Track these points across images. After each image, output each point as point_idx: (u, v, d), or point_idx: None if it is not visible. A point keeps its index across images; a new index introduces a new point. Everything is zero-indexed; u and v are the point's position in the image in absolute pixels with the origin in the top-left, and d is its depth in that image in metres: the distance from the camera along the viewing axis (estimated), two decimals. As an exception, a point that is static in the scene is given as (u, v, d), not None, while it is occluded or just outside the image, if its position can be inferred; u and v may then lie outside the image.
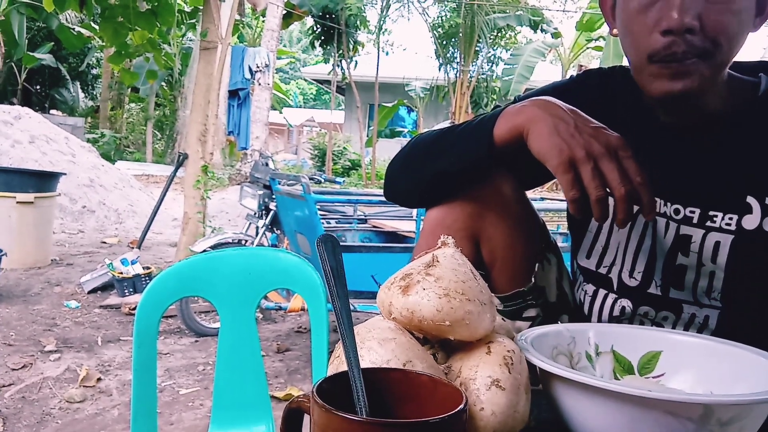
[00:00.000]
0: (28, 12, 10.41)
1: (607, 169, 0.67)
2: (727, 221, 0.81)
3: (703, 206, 0.83)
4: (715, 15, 0.74)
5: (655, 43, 0.76)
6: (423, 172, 0.89)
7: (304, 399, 0.50)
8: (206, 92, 4.87)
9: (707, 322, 0.83)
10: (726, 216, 0.81)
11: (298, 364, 3.18)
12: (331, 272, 0.52)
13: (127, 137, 16.60)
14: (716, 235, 0.81)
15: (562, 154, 0.68)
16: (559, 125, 0.70)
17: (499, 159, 0.79)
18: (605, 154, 0.67)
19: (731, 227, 0.80)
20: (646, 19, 0.77)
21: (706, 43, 0.74)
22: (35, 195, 4.84)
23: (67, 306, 3.94)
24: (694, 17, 0.73)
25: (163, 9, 5.25)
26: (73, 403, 2.56)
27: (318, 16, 13.02)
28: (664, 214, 0.86)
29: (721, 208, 0.81)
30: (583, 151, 0.67)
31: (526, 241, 0.90)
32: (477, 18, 12.43)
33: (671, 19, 0.73)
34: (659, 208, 0.86)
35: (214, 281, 1.15)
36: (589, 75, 0.99)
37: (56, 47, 14.28)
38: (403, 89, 14.89)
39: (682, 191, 0.84)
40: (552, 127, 0.70)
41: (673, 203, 0.85)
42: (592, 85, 0.96)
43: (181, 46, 13.35)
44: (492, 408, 0.53)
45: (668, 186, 0.85)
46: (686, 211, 0.84)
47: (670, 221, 0.85)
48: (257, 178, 3.77)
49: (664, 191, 0.86)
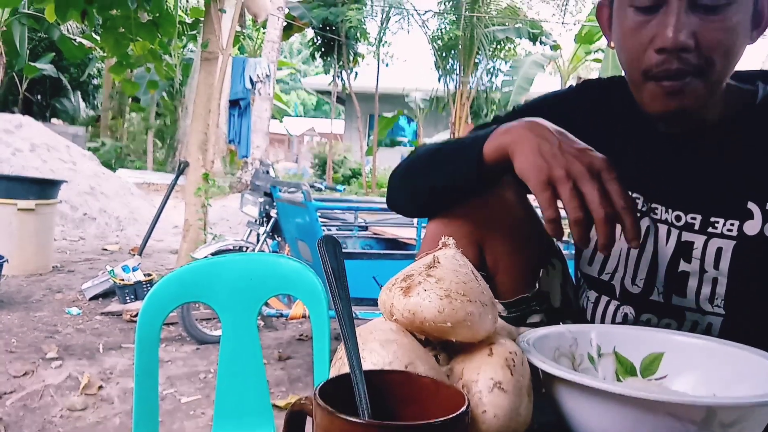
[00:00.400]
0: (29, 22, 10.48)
1: (587, 190, 0.65)
2: (729, 227, 0.81)
3: (704, 213, 0.83)
4: (710, 33, 0.73)
5: (649, 60, 0.76)
6: (419, 186, 0.90)
7: (307, 401, 0.50)
8: (207, 102, 4.89)
9: (710, 330, 0.83)
10: (727, 222, 0.81)
11: (300, 372, 3.17)
12: (333, 274, 0.52)
13: (127, 146, 16.63)
14: (718, 242, 0.81)
15: (541, 173, 0.67)
16: (543, 145, 0.69)
17: (488, 178, 0.79)
18: (586, 175, 0.66)
19: (733, 233, 0.80)
20: (640, 37, 0.77)
21: (700, 60, 0.74)
22: (36, 202, 4.85)
23: (69, 313, 3.93)
24: (688, 36, 0.73)
25: (164, 20, 5.29)
26: (74, 411, 2.56)
27: (318, 27, 13.09)
28: (666, 221, 0.86)
29: (722, 215, 0.81)
30: (563, 171, 0.66)
31: (530, 246, 0.90)
32: (476, 30, 12.50)
33: (665, 38, 0.73)
34: (660, 215, 0.86)
35: (215, 287, 1.16)
36: (588, 85, 0.99)
37: (57, 57, 14.35)
38: (403, 100, 14.95)
39: (683, 198, 0.85)
40: (535, 147, 0.69)
41: (674, 210, 0.85)
42: (592, 95, 0.96)
43: (182, 56, 13.39)
44: (494, 410, 0.53)
45: (669, 193, 0.86)
46: (687, 218, 0.84)
47: (671, 228, 0.85)
48: (258, 185, 3.77)
49: (664, 198, 0.86)
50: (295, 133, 25.58)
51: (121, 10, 5.06)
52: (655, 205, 0.87)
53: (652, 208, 0.87)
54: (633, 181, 0.88)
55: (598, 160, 0.68)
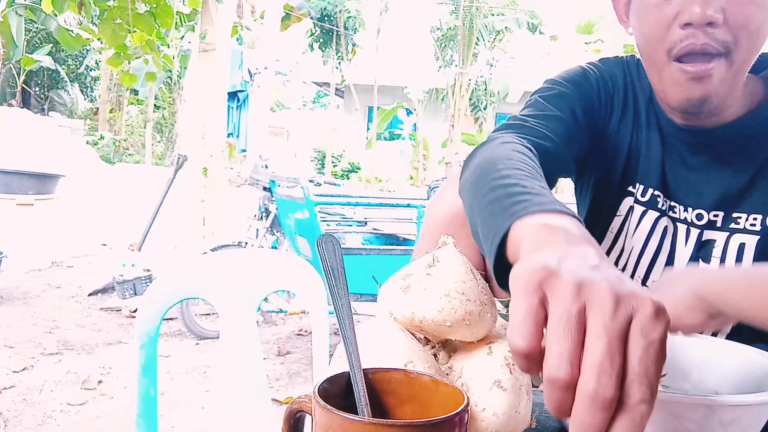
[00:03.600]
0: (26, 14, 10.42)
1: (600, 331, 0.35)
2: (752, 222, 0.79)
3: (726, 209, 0.81)
4: (740, 8, 0.69)
5: (674, 36, 0.72)
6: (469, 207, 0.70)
7: (306, 399, 0.50)
8: (205, 94, 4.88)
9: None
10: (750, 216, 0.79)
11: (299, 367, 3.17)
12: (332, 272, 0.52)
13: (126, 139, 16.59)
14: (740, 237, 0.79)
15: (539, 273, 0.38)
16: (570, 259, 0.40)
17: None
18: (611, 305, 0.35)
19: (756, 227, 0.78)
20: (664, 13, 0.72)
21: (727, 37, 0.70)
22: (35, 197, 4.84)
23: (68, 308, 3.94)
24: (717, 10, 0.69)
25: (161, 11, 5.26)
26: (74, 406, 2.56)
27: (317, 18, 13.04)
28: (685, 221, 0.84)
29: (744, 209, 0.79)
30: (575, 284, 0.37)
31: None
32: (475, 21, 12.47)
33: (693, 12, 0.69)
34: (679, 215, 0.84)
35: (214, 282, 1.16)
36: (608, 63, 0.92)
37: (55, 49, 14.30)
38: (401, 92, 14.91)
39: (705, 195, 0.82)
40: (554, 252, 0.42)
41: (695, 208, 0.83)
42: (616, 74, 0.90)
43: (180, 48, 13.35)
44: (493, 409, 0.53)
45: (690, 191, 0.83)
46: (710, 215, 0.82)
47: (690, 227, 0.83)
48: (257, 180, 3.77)
49: (685, 195, 0.84)
50: (293, 126, 25.53)
51: (118, 0, 5.04)
52: (674, 204, 0.85)
53: (672, 206, 0.85)
54: (653, 176, 0.86)
55: (648, 302, 0.36)
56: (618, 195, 0.90)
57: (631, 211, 0.88)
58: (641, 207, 0.87)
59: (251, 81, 11.37)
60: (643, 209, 0.87)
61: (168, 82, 15.12)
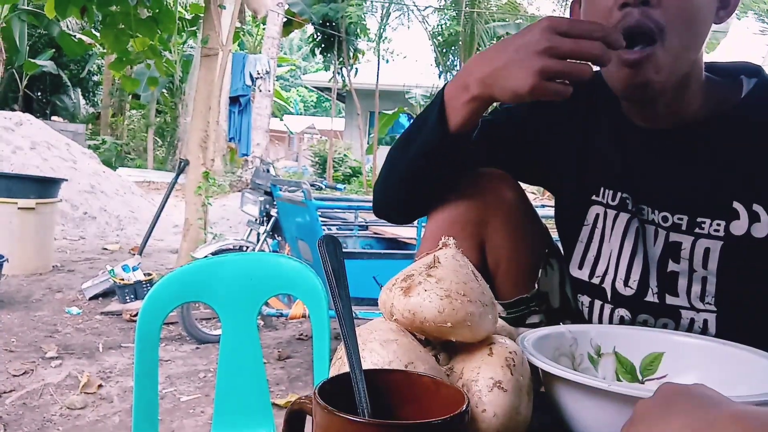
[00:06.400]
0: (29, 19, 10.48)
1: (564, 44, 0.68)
2: (715, 227, 0.80)
3: (690, 213, 0.82)
4: None
5: (613, 19, 0.75)
6: (395, 181, 0.90)
7: (307, 400, 0.50)
8: (207, 99, 4.89)
9: (707, 326, 0.82)
10: (714, 222, 0.80)
11: (300, 371, 3.17)
12: (333, 273, 0.52)
13: (128, 144, 16.63)
14: (705, 242, 0.80)
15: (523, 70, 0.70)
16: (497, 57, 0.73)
17: (457, 132, 0.79)
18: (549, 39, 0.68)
19: (719, 233, 0.80)
20: (606, 1, 0.77)
21: (661, 18, 0.73)
22: (36, 201, 4.85)
23: (69, 312, 3.94)
24: None
25: (164, 16, 5.29)
26: (74, 410, 2.56)
27: (318, 24, 13.08)
28: (653, 222, 0.85)
29: (708, 215, 0.80)
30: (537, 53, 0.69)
31: (530, 247, 0.89)
32: (477, 26, 12.49)
33: None
34: (647, 216, 0.85)
35: (215, 286, 1.15)
36: None
37: (57, 54, 14.34)
38: (403, 97, 14.92)
39: (669, 198, 0.83)
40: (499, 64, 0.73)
41: (660, 211, 0.84)
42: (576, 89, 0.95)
43: (182, 53, 13.39)
44: (494, 410, 0.53)
45: (655, 193, 0.85)
46: (674, 219, 0.83)
47: (658, 228, 0.84)
48: (258, 184, 3.77)
49: (651, 198, 0.85)
50: (295, 130, 25.57)
51: (120, 6, 5.06)
52: (642, 206, 0.86)
53: (640, 208, 0.86)
54: (620, 180, 0.88)
55: (545, 22, 0.70)
56: (583, 204, 0.91)
57: (599, 218, 0.90)
58: (613, 211, 0.89)
59: (253, 86, 11.40)
60: (615, 213, 0.88)
61: (170, 87, 15.17)
